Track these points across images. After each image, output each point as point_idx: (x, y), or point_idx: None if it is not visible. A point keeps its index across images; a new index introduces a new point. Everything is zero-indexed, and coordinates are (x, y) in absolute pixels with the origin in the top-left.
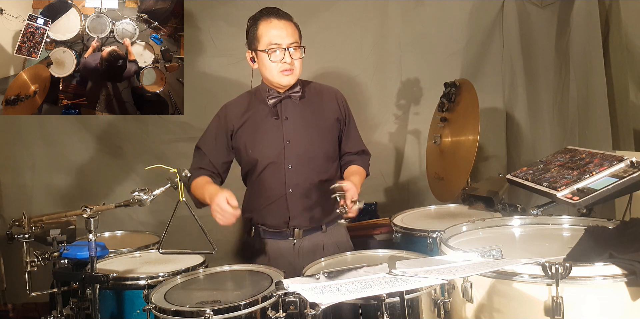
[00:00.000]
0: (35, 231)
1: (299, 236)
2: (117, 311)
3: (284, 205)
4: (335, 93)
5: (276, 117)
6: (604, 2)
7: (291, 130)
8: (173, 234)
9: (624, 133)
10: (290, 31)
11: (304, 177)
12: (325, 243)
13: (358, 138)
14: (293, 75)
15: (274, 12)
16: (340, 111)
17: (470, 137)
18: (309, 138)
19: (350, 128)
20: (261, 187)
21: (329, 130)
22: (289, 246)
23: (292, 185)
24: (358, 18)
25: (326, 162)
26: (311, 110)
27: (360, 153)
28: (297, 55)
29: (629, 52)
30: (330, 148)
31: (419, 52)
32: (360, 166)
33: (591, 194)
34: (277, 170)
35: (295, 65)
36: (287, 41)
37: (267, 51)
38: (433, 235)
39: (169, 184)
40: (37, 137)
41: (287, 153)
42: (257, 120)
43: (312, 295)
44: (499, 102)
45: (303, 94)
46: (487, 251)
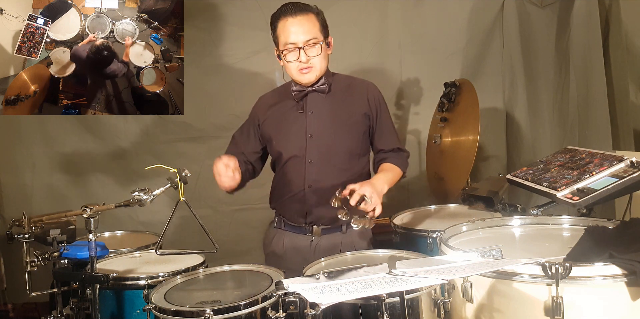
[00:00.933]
0: (35, 231)
1: (317, 233)
2: (117, 311)
3: (301, 200)
4: (367, 87)
5: (301, 111)
6: (604, 2)
7: (314, 124)
8: (173, 234)
9: (624, 133)
10: (306, 27)
11: (325, 173)
12: (344, 243)
13: (392, 135)
14: (312, 72)
15: (289, 10)
16: (370, 106)
17: (470, 137)
18: (332, 133)
19: (383, 125)
20: (283, 179)
21: (354, 125)
22: (306, 243)
23: (311, 181)
24: (358, 18)
25: (349, 159)
26: (337, 104)
27: (396, 150)
28: (314, 52)
29: (629, 52)
30: (354, 145)
31: (419, 52)
32: (391, 164)
33: (591, 194)
34: (299, 164)
35: (313, 62)
36: (303, 38)
37: (283, 52)
38: (433, 235)
39: (169, 184)
40: (37, 137)
41: (308, 148)
42: (283, 113)
43: (312, 295)
44: (499, 102)
45: (330, 88)
46: (487, 251)
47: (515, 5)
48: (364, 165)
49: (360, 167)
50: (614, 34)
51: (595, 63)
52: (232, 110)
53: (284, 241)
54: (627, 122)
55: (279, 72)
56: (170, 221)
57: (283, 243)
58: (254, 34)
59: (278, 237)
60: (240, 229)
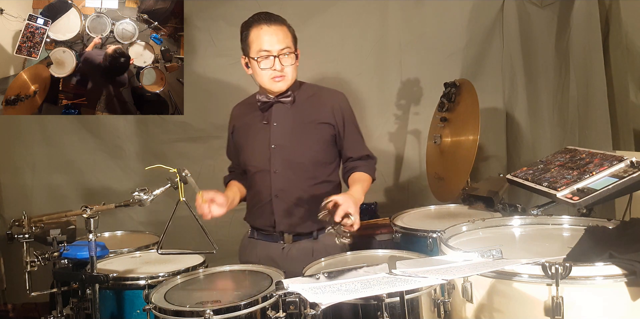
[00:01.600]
0: (35, 231)
1: (288, 241)
2: (117, 311)
3: (269, 209)
4: (333, 96)
5: (265, 122)
6: (604, 2)
7: (278, 135)
8: (173, 234)
9: (624, 133)
10: (281, 37)
11: (290, 183)
12: (316, 249)
13: (360, 143)
14: (284, 81)
15: (264, 18)
16: (334, 115)
17: (470, 137)
18: (295, 143)
19: (349, 133)
20: (252, 190)
21: (317, 135)
22: (278, 250)
23: (277, 190)
24: (358, 18)
25: (315, 168)
26: (301, 114)
27: (365, 158)
28: (288, 61)
29: (629, 52)
30: (319, 154)
31: (419, 52)
32: (363, 173)
33: (591, 194)
34: (264, 174)
35: (286, 71)
36: (278, 47)
37: (257, 59)
38: (433, 235)
39: (169, 184)
40: (37, 137)
41: (272, 159)
42: (250, 124)
43: (312, 295)
44: (499, 102)
45: (295, 98)
46: (487, 251)
47: (515, 5)
48: (331, 172)
49: (327, 175)
50: (614, 34)
51: (595, 63)
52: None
53: (257, 250)
54: (627, 122)
55: None
56: (170, 221)
57: (257, 252)
58: None
59: (252, 246)
60: (240, 229)
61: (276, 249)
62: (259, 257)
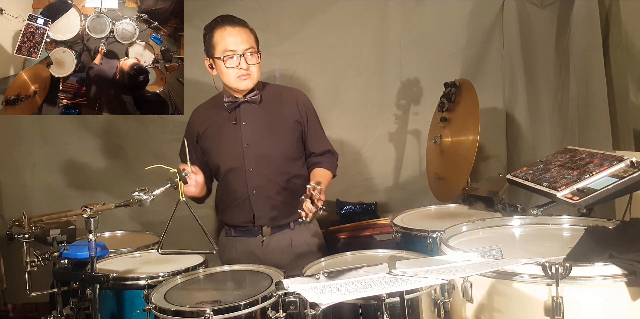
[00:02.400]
0: (35, 231)
1: (267, 234)
2: (117, 311)
3: (247, 206)
4: (295, 95)
5: (234, 122)
6: (604, 2)
7: (249, 134)
8: (173, 234)
9: (624, 133)
10: (245, 37)
11: (266, 179)
12: (294, 240)
13: (322, 138)
14: (250, 79)
15: (228, 20)
16: (300, 113)
17: (470, 137)
18: (267, 141)
19: (312, 129)
20: (226, 189)
21: (287, 132)
22: (258, 244)
23: (254, 187)
24: (358, 18)
25: (286, 163)
26: (269, 113)
27: (326, 153)
28: (253, 60)
29: (629, 52)
30: (289, 150)
31: (419, 52)
32: (324, 169)
33: (591, 194)
34: (239, 173)
35: (252, 70)
36: (242, 47)
37: (223, 58)
38: (433, 235)
39: (169, 184)
40: (37, 137)
41: (246, 157)
42: (217, 125)
43: (312, 295)
44: (499, 102)
45: (261, 98)
46: (487, 251)
47: (515, 5)
48: (301, 166)
49: (297, 169)
50: (614, 34)
51: (595, 63)
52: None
53: (236, 246)
54: (627, 122)
55: (278, 72)
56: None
57: (236, 248)
58: None
59: (230, 244)
60: None
61: (255, 243)
62: (239, 253)
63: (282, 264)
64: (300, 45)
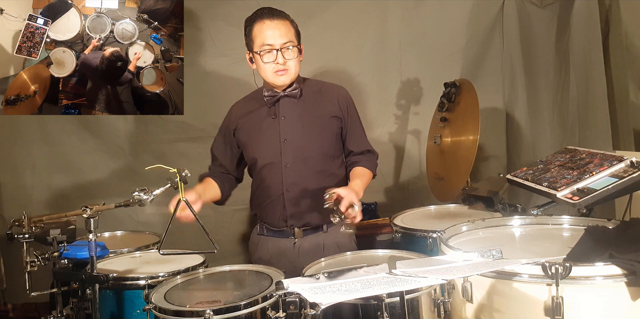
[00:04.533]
0: (35, 231)
1: (299, 235)
2: (117, 311)
3: (281, 204)
4: (337, 91)
5: (273, 117)
6: (604, 2)
7: (288, 129)
8: (173, 234)
9: (624, 133)
10: (283, 31)
11: (302, 176)
12: (326, 243)
13: (362, 137)
14: (287, 75)
15: (267, 13)
16: (340, 109)
17: (470, 137)
18: (306, 136)
19: (353, 128)
20: (261, 185)
21: (326, 128)
22: (290, 246)
23: (289, 184)
24: (358, 18)
25: (324, 161)
26: (309, 108)
27: (366, 152)
28: (291, 55)
29: (629, 52)
30: (327, 147)
31: (419, 52)
32: (364, 168)
33: (591, 194)
34: (275, 168)
35: (289, 65)
36: (280, 41)
37: (260, 53)
38: (433, 235)
39: (169, 184)
40: (37, 137)
41: (283, 152)
42: (256, 119)
43: (312, 295)
44: (499, 102)
45: (301, 93)
46: (487, 251)
47: (515, 5)
48: (339, 166)
49: (335, 168)
50: (614, 34)
51: (595, 63)
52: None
53: (268, 246)
54: (627, 122)
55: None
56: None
57: (268, 248)
58: None
59: (262, 243)
60: (240, 229)
61: (287, 244)
62: (270, 254)
63: None
64: None
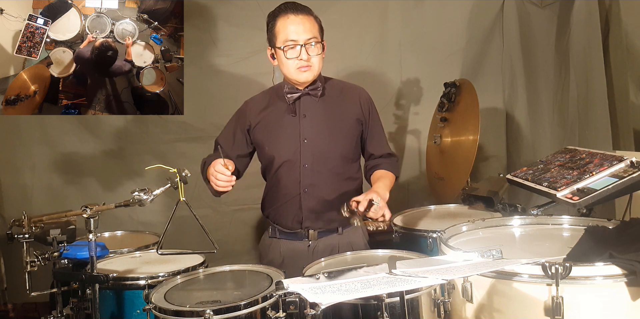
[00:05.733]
0: (35, 231)
1: (314, 237)
2: (117, 311)
3: (296, 205)
4: (359, 92)
5: (294, 114)
6: (604, 2)
7: (308, 128)
8: (173, 234)
9: (624, 133)
10: (308, 26)
11: (320, 177)
12: (341, 244)
13: (383, 141)
14: (311, 71)
15: (291, 7)
16: (362, 111)
17: (470, 137)
18: (327, 137)
19: (374, 130)
20: (277, 185)
21: (347, 130)
22: (304, 248)
23: (306, 185)
24: (358, 18)
25: (343, 163)
26: (331, 108)
27: (386, 156)
28: (315, 51)
29: (629, 52)
30: (348, 149)
31: (419, 52)
32: (386, 170)
33: (591, 194)
34: (293, 168)
35: (313, 61)
36: (304, 37)
37: (283, 48)
38: (433, 235)
39: (169, 184)
40: (37, 137)
41: (303, 152)
42: (275, 116)
43: (312, 295)
44: (499, 102)
45: (324, 92)
46: (487, 251)
47: (515, 5)
48: (357, 169)
49: (353, 172)
50: (614, 34)
51: (595, 63)
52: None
53: (280, 249)
54: (627, 122)
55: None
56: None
57: (280, 251)
58: (253, 33)
59: (274, 246)
60: (240, 229)
61: (302, 246)
62: (283, 256)
63: None
64: None
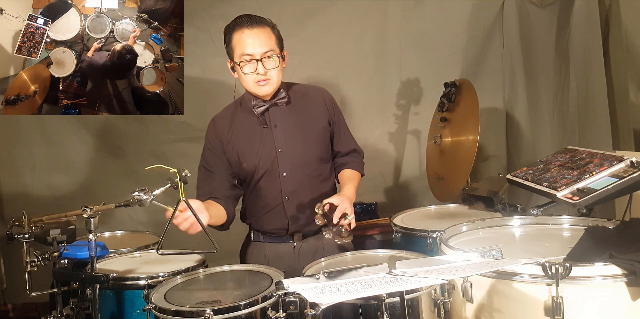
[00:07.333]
0: (35, 231)
1: (298, 239)
2: (117, 311)
3: (281, 213)
4: (321, 93)
5: (265, 126)
6: (604, 2)
7: (282, 138)
8: (173, 234)
9: (624, 133)
10: (263, 39)
11: (300, 183)
12: (325, 244)
13: (349, 136)
14: (269, 84)
15: (245, 21)
16: (329, 112)
17: (470, 137)
18: (301, 144)
19: (341, 128)
20: (258, 196)
21: (320, 133)
22: (289, 249)
23: (288, 192)
24: (358, 18)
25: (320, 165)
26: (300, 115)
27: (352, 152)
28: (272, 64)
29: (629, 52)
30: (323, 151)
31: (419, 52)
32: (353, 170)
33: (591, 194)
34: (272, 178)
35: (271, 74)
36: (260, 51)
37: (240, 63)
38: (433, 235)
39: (169, 184)
40: (37, 137)
41: (280, 161)
42: (246, 130)
43: (312, 295)
44: (499, 102)
45: (289, 99)
46: (487, 251)
47: (515, 5)
48: (330, 168)
49: (328, 172)
50: (614, 34)
51: (595, 63)
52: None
53: (265, 252)
54: (627, 122)
55: None
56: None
57: (265, 254)
58: None
59: (258, 249)
60: (240, 229)
61: (287, 249)
62: (267, 258)
63: None
64: (300, 45)
